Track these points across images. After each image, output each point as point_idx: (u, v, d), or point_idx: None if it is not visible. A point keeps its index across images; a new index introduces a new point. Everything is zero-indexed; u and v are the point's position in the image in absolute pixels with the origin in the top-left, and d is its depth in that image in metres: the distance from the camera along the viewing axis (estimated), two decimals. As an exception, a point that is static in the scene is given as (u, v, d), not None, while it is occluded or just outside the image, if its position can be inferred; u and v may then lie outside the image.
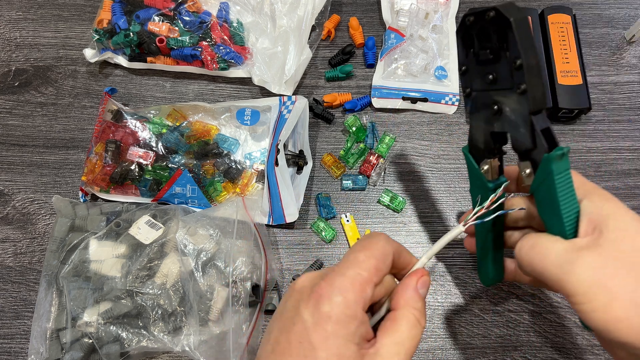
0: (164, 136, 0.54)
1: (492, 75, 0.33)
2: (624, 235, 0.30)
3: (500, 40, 0.31)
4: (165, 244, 0.48)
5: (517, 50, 0.30)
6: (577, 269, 0.30)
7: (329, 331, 0.28)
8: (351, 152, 0.55)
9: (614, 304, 0.28)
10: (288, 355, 0.28)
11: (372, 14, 0.64)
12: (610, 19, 0.63)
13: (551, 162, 0.31)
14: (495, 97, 0.33)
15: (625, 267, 0.29)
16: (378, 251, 0.31)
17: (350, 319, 0.28)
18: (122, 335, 0.45)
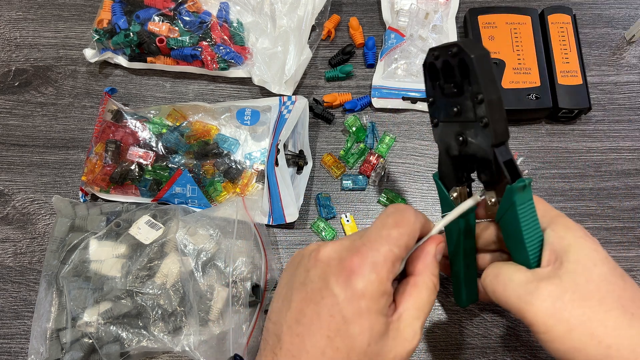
0: (164, 136, 0.54)
1: (457, 107, 0.34)
2: (582, 266, 0.31)
3: (463, 75, 0.32)
4: (165, 244, 0.48)
5: (478, 86, 0.31)
6: (535, 299, 0.31)
7: (362, 307, 0.29)
8: (351, 152, 0.55)
9: (571, 334, 0.30)
10: (318, 327, 0.29)
11: (372, 14, 0.64)
12: (610, 19, 0.63)
13: (514, 194, 0.32)
14: (460, 128, 0.34)
15: (582, 298, 0.30)
16: (409, 228, 0.32)
17: (382, 295, 0.30)
18: (122, 335, 0.45)
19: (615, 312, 0.30)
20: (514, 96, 0.54)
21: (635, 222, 0.52)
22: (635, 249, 0.51)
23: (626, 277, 0.32)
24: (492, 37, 0.58)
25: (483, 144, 0.32)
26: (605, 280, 0.31)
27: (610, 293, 0.30)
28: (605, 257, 0.32)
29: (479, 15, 0.59)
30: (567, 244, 0.32)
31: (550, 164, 0.55)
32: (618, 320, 0.30)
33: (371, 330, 0.29)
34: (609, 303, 0.30)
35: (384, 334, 0.30)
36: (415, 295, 0.32)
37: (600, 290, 0.30)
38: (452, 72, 0.33)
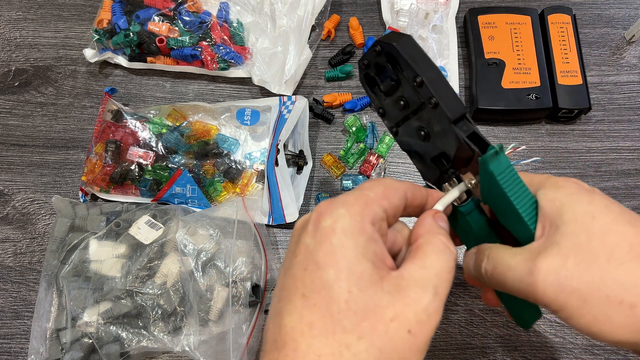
0: (164, 136, 0.54)
1: (402, 101, 0.32)
2: (579, 224, 0.27)
3: (396, 67, 0.31)
4: (165, 244, 0.48)
5: (412, 70, 0.30)
6: (538, 278, 0.26)
7: (334, 244, 0.24)
8: (351, 152, 0.55)
9: (587, 305, 0.25)
10: (294, 291, 0.24)
11: (372, 14, 0.64)
12: (610, 19, 0.63)
13: (488, 163, 0.29)
14: (417, 123, 0.32)
15: (587, 259, 0.25)
16: (386, 181, 0.28)
17: (358, 231, 0.25)
18: (122, 335, 0.45)
19: (629, 264, 0.25)
20: (514, 96, 0.54)
21: (635, 222, 0.52)
22: (635, 249, 0.51)
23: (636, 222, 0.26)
24: (492, 37, 0.58)
25: (442, 125, 0.30)
26: (609, 231, 0.26)
27: (618, 244, 0.25)
28: (605, 206, 0.27)
29: (479, 15, 0.59)
30: (559, 205, 0.28)
31: (550, 164, 0.55)
32: (635, 272, 0.24)
33: (349, 272, 0.23)
34: (619, 256, 0.25)
35: (373, 283, 0.23)
36: (418, 255, 0.26)
37: (605, 245, 0.25)
38: (386, 71, 0.32)
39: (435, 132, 0.31)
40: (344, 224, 0.24)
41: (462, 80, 0.59)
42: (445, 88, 0.30)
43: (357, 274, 0.23)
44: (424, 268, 0.25)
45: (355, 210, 0.25)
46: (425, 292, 0.24)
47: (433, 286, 0.24)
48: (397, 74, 0.31)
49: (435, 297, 0.24)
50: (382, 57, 0.31)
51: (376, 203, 0.26)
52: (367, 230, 0.25)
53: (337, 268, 0.23)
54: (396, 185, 0.28)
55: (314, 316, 0.23)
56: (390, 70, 0.32)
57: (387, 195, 0.27)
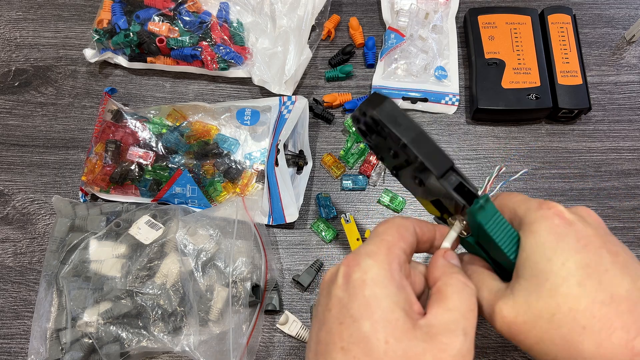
0: (164, 136, 0.54)
1: (392, 152, 0.34)
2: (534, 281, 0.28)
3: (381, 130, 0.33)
4: (165, 244, 0.48)
5: (394, 134, 0.31)
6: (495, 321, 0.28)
7: (367, 296, 0.25)
8: (351, 152, 0.55)
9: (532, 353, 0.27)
10: (332, 345, 0.25)
11: (372, 14, 0.64)
12: (610, 19, 0.63)
13: (475, 215, 0.30)
14: (410, 171, 0.34)
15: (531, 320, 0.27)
16: (397, 221, 0.29)
17: (388, 280, 0.26)
18: (122, 335, 0.45)
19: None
20: (514, 96, 0.54)
21: (635, 222, 0.52)
22: (636, 249, 0.51)
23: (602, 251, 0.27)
24: (492, 37, 0.58)
25: (432, 179, 0.32)
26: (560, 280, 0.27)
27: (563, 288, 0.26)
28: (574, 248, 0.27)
29: (479, 15, 0.59)
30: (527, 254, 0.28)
31: (550, 164, 0.55)
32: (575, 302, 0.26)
33: (386, 322, 0.24)
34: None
35: (407, 331, 0.24)
36: (440, 299, 0.27)
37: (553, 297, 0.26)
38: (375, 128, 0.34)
39: (427, 182, 0.33)
40: (374, 275, 0.26)
41: (462, 80, 0.59)
42: (428, 146, 0.31)
43: (392, 324, 0.24)
44: (449, 311, 0.26)
45: (381, 259, 0.26)
46: (456, 335, 0.25)
47: (462, 328, 0.25)
48: (382, 134, 0.33)
49: (466, 338, 0.25)
50: (369, 119, 0.33)
51: (397, 246, 0.28)
52: (396, 277, 0.26)
53: (372, 319, 0.24)
54: (406, 223, 0.30)
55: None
56: (378, 130, 0.33)
57: (403, 236, 0.29)
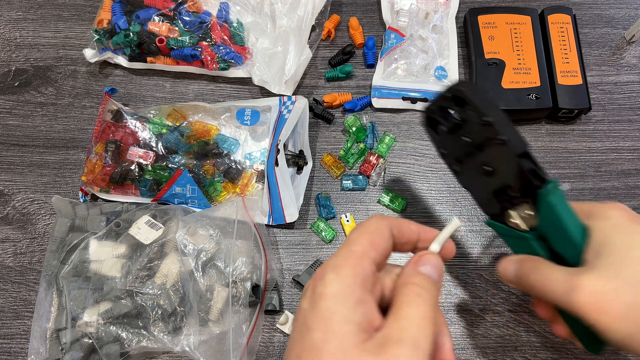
0: (164, 136, 0.54)
1: (469, 138, 0.36)
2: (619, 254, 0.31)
3: (463, 110, 0.35)
4: (165, 244, 0.48)
5: (480, 111, 0.34)
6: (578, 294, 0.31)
7: (323, 309, 0.26)
8: (351, 152, 0.55)
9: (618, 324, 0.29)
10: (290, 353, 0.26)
11: (372, 14, 0.64)
12: (610, 19, 0.63)
13: (548, 196, 0.33)
14: (479, 158, 0.36)
15: (623, 285, 0.30)
16: (370, 227, 0.29)
17: (347, 296, 0.26)
18: (122, 335, 0.45)
19: None
20: (514, 96, 0.54)
21: (635, 222, 0.52)
22: (635, 249, 0.51)
23: None
24: (492, 37, 0.58)
25: (507, 161, 0.34)
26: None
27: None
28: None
29: (479, 15, 0.59)
30: (603, 236, 0.32)
31: (550, 164, 0.55)
32: None
33: (336, 336, 0.25)
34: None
35: (357, 345, 0.25)
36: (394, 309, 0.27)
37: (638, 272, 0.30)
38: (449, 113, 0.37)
39: (498, 167, 0.35)
40: (333, 290, 0.26)
41: (462, 80, 0.59)
42: (510, 127, 0.34)
43: (341, 337, 0.25)
44: (398, 320, 0.26)
45: (345, 272, 0.27)
46: (403, 346, 0.25)
47: (411, 339, 0.25)
48: (463, 115, 0.36)
49: (415, 349, 0.25)
50: (450, 101, 0.36)
51: (365, 257, 0.28)
52: (356, 292, 0.26)
53: (324, 330, 0.25)
54: (381, 226, 0.30)
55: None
56: (457, 111, 0.36)
57: (374, 244, 0.29)
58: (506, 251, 0.51)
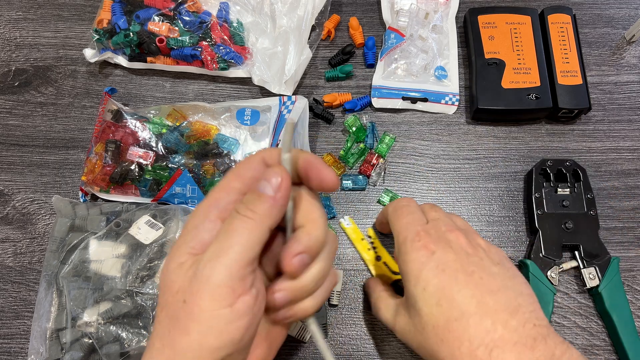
0: (164, 136, 0.54)
1: (567, 202, 0.50)
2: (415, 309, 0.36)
3: (576, 181, 0.51)
4: (165, 244, 0.48)
5: (589, 189, 0.51)
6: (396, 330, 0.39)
7: (174, 244, 0.30)
8: (351, 152, 0.55)
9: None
10: None
11: (372, 14, 0.64)
12: (610, 19, 0.63)
13: (617, 263, 0.47)
14: (566, 218, 0.49)
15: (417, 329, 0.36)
16: (241, 162, 0.31)
17: (192, 227, 0.29)
18: (122, 335, 0.45)
19: None
20: (514, 96, 0.54)
21: (635, 222, 0.52)
22: (635, 249, 0.51)
23: None
24: (492, 37, 0.58)
25: (590, 229, 0.48)
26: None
27: None
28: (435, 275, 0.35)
29: (479, 15, 0.59)
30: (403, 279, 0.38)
31: (550, 164, 0.55)
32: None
33: (167, 266, 0.29)
34: None
35: (180, 266, 0.28)
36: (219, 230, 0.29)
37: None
38: (565, 177, 0.51)
39: (578, 230, 0.48)
40: (187, 220, 0.31)
41: (462, 80, 0.59)
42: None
43: (169, 259, 0.29)
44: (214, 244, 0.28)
45: (201, 205, 0.30)
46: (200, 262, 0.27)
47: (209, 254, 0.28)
48: (573, 184, 0.51)
49: (206, 265, 0.27)
50: (570, 168, 0.51)
51: (225, 189, 0.30)
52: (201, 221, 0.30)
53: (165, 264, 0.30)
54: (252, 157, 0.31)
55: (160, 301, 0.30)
56: (569, 180, 0.51)
57: (239, 175, 0.31)
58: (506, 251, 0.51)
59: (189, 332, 0.26)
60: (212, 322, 0.26)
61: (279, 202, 0.28)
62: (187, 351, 0.26)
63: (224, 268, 0.26)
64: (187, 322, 0.26)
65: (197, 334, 0.26)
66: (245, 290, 0.27)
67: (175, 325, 0.27)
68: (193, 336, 0.26)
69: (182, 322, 0.27)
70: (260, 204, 0.28)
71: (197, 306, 0.26)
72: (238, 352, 0.28)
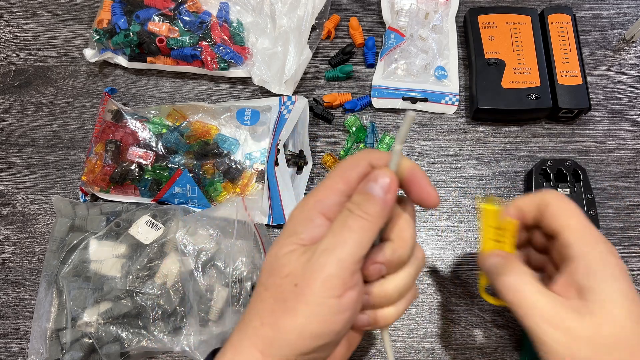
0: (164, 136, 0.54)
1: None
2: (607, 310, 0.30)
3: (576, 181, 0.51)
4: (165, 244, 0.48)
5: (590, 189, 0.51)
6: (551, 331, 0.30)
7: (281, 233, 0.30)
8: (351, 152, 0.55)
9: None
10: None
11: (372, 14, 0.64)
12: (610, 19, 0.63)
13: None
14: None
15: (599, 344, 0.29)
16: (347, 161, 0.31)
17: (300, 216, 0.30)
18: (122, 335, 0.45)
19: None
20: (514, 96, 0.54)
21: (635, 222, 0.52)
22: (635, 249, 0.51)
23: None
24: (492, 37, 0.58)
25: None
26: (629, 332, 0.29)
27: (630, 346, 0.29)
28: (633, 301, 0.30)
29: (479, 15, 0.59)
30: (596, 281, 0.31)
31: (550, 164, 0.55)
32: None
33: (277, 251, 0.29)
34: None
35: (294, 250, 0.29)
36: (332, 225, 0.29)
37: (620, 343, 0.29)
38: (565, 177, 0.51)
39: None
40: (293, 212, 0.31)
41: (462, 80, 0.59)
42: None
43: (281, 245, 0.30)
44: (331, 236, 0.29)
45: (308, 201, 0.30)
46: (315, 251, 0.28)
47: (324, 245, 0.28)
48: (574, 184, 0.51)
49: (322, 254, 0.28)
50: (569, 169, 0.51)
51: (331, 189, 0.30)
52: (310, 215, 0.30)
53: (275, 241, 0.30)
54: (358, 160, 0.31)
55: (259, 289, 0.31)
56: (569, 180, 0.51)
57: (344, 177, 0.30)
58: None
59: (296, 313, 0.27)
60: (320, 308, 0.27)
61: (389, 204, 0.29)
62: (290, 332, 0.27)
63: (338, 260, 0.27)
64: (295, 304, 0.27)
65: (303, 317, 0.27)
66: (352, 285, 0.28)
67: (282, 306, 0.28)
68: (299, 319, 0.27)
69: (290, 303, 0.27)
70: (372, 205, 0.29)
71: (309, 290, 0.27)
72: (331, 345, 0.29)
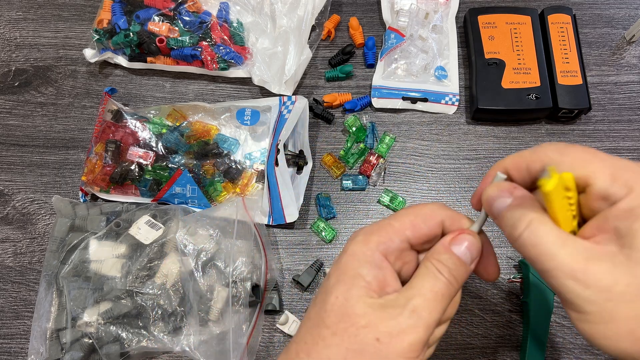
0: (164, 136, 0.54)
1: None
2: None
3: None
4: (165, 244, 0.48)
5: None
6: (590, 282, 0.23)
7: (342, 263, 0.29)
8: (351, 152, 0.55)
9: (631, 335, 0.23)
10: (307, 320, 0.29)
11: (372, 14, 0.64)
12: (610, 19, 0.63)
13: None
14: None
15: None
16: (420, 210, 0.30)
17: (364, 257, 0.28)
18: (122, 335, 0.45)
19: None
20: (514, 96, 0.54)
21: (635, 222, 0.52)
22: (635, 249, 0.51)
23: None
24: (492, 37, 0.58)
25: None
26: None
27: None
28: None
29: (479, 15, 0.59)
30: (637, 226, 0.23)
31: (550, 164, 0.55)
32: None
33: (343, 283, 0.27)
34: None
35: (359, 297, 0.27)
36: (415, 280, 0.28)
37: None
38: None
39: None
40: (355, 249, 0.29)
41: (462, 80, 0.59)
42: None
43: (348, 286, 0.28)
44: (408, 289, 0.28)
45: (372, 239, 0.29)
46: (402, 309, 0.27)
47: (412, 305, 0.27)
48: None
49: (411, 316, 0.26)
50: None
51: (398, 234, 0.29)
52: (375, 258, 0.28)
53: (336, 279, 0.28)
54: (431, 213, 0.30)
55: (312, 311, 0.29)
56: None
57: (414, 225, 0.30)
58: (506, 252, 0.51)
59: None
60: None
61: (469, 274, 0.29)
62: None
63: (427, 327, 0.26)
64: (376, 359, 0.26)
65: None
66: (429, 344, 0.29)
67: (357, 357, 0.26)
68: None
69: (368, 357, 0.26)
70: (463, 273, 0.28)
71: (394, 349, 0.26)
72: None
